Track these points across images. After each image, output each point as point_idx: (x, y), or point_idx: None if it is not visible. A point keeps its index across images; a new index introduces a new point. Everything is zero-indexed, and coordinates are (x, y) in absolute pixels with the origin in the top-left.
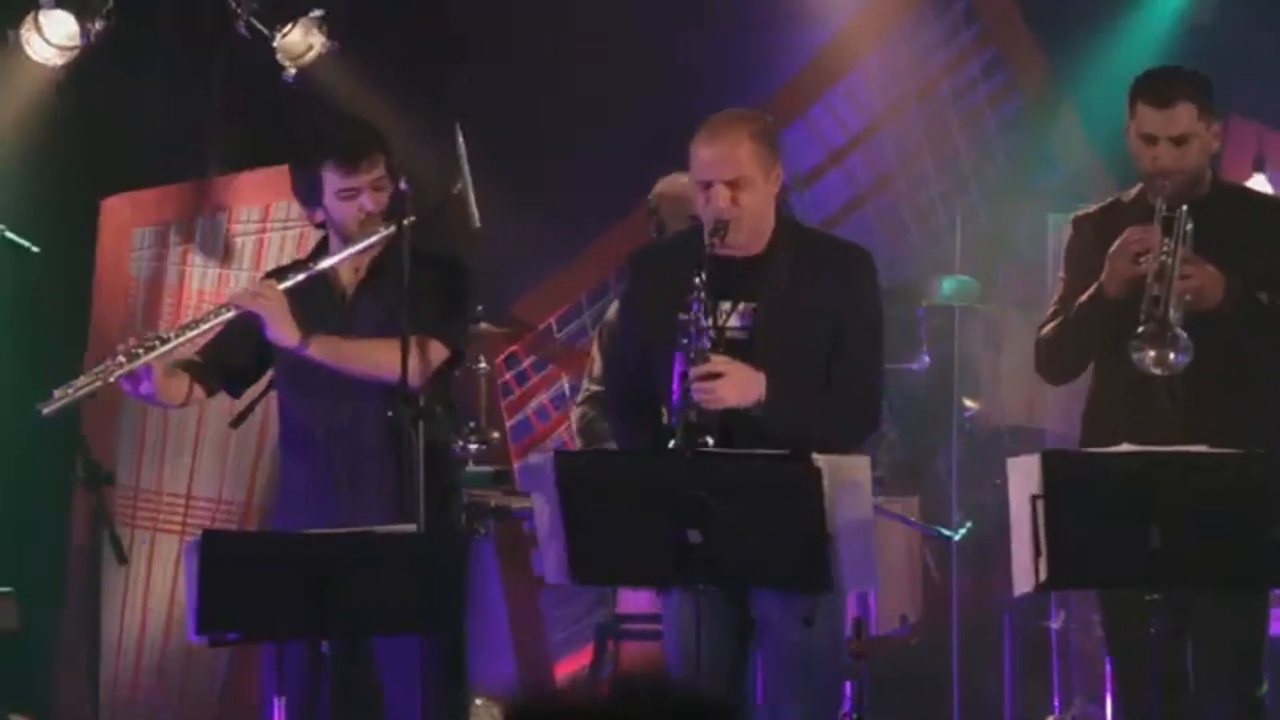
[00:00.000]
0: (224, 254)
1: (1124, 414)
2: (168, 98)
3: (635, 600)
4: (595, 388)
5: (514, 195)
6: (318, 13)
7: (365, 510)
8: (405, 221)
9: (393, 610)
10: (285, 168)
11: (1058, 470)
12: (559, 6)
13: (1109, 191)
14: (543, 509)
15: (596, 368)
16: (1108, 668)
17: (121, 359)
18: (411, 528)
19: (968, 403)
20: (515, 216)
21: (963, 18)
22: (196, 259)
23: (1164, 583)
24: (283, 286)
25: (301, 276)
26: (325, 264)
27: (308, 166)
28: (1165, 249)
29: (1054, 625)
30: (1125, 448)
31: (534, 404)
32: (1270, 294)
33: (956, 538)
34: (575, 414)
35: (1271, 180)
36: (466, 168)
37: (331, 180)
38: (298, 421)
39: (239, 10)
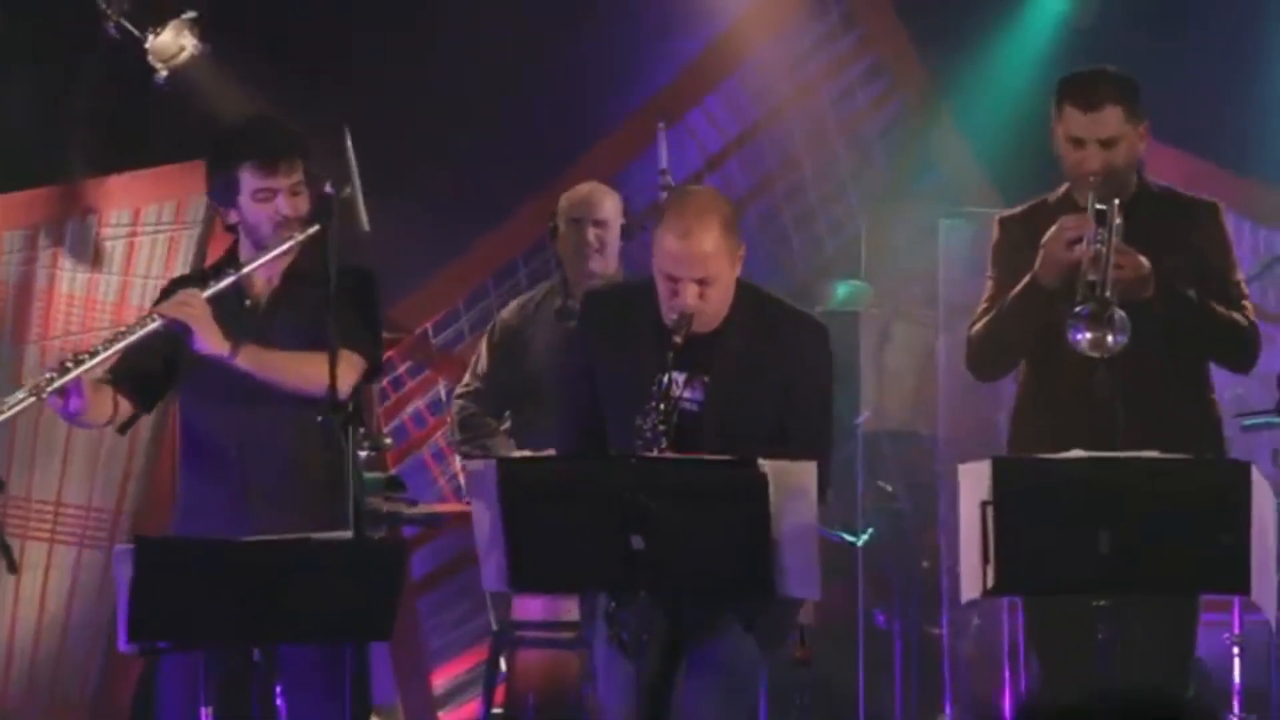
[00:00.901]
0: (94, 258)
1: (1056, 413)
2: (35, 99)
3: (528, 608)
4: (478, 384)
5: (390, 200)
6: (190, 14)
7: (278, 521)
8: (329, 225)
9: (329, 617)
10: (155, 170)
11: (1008, 476)
12: (436, 8)
13: (989, 196)
14: (483, 515)
15: (482, 364)
16: (1006, 670)
17: (51, 374)
18: (348, 534)
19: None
20: (391, 221)
21: (841, 24)
22: (66, 263)
23: (1112, 588)
24: (206, 294)
25: (224, 283)
26: (247, 269)
27: (225, 165)
28: (1100, 237)
29: (944, 630)
30: (1076, 453)
31: (410, 409)
32: (1197, 292)
33: (860, 543)
34: (455, 406)
35: None
36: (356, 171)
37: (248, 181)
38: (206, 432)
39: (109, 11)
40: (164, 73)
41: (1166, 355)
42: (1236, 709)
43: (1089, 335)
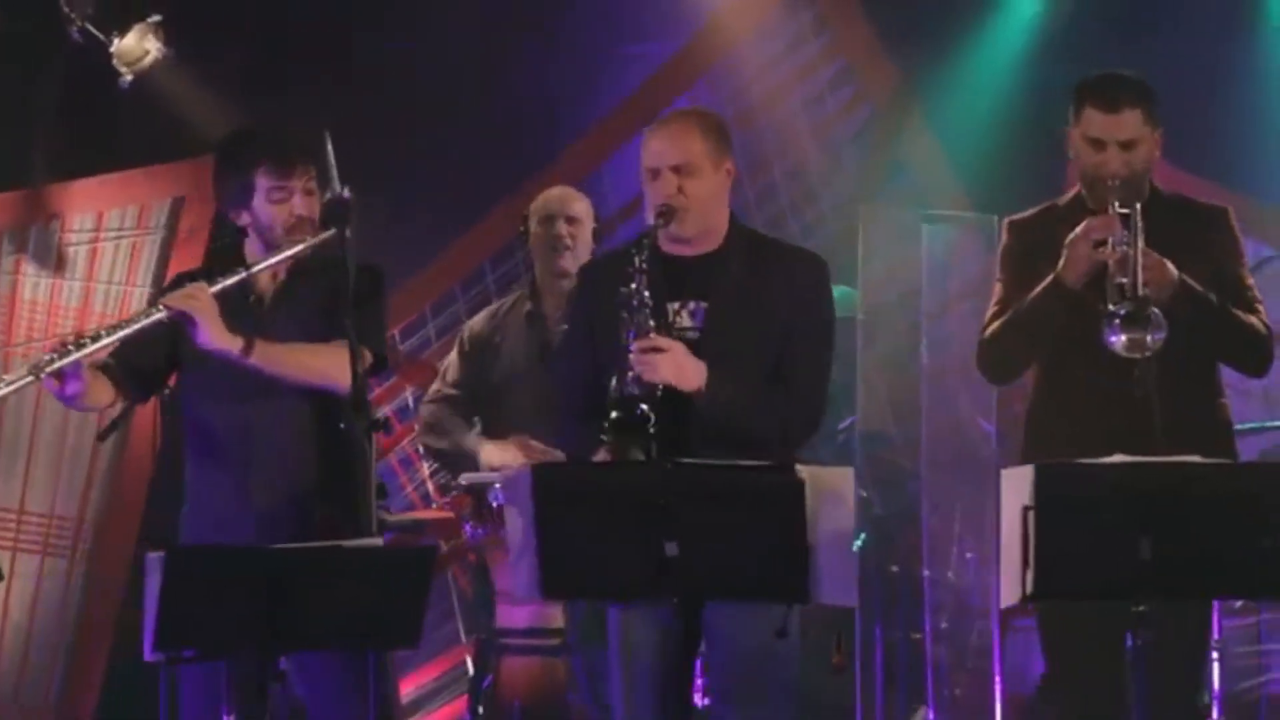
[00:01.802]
0: (57, 263)
1: (1072, 418)
2: None
3: (513, 615)
4: (449, 390)
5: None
6: (154, 18)
7: (288, 514)
8: (345, 228)
9: (359, 624)
10: (119, 175)
11: (1050, 482)
12: (402, 16)
13: (960, 200)
14: (516, 523)
15: (453, 372)
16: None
17: (51, 356)
18: (379, 542)
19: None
20: (356, 229)
21: (811, 28)
22: (29, 268)
23: (1153, 593)
24: (214, 289)
25: (232, 280)
26: (258, 269)
27: (239, 168)
28: (1126, 239)
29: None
30: (1118, 458)
31: (377, 415)
32: (1217, 296)
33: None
34: (424, 411)
35: None
36: (336, 176)
37: (264, 182)
38: (211, 427)
39: (73, 15)
40: (128, 77)
41: (1183, 358)
42: (1216, 716)
43: (1126, 337)
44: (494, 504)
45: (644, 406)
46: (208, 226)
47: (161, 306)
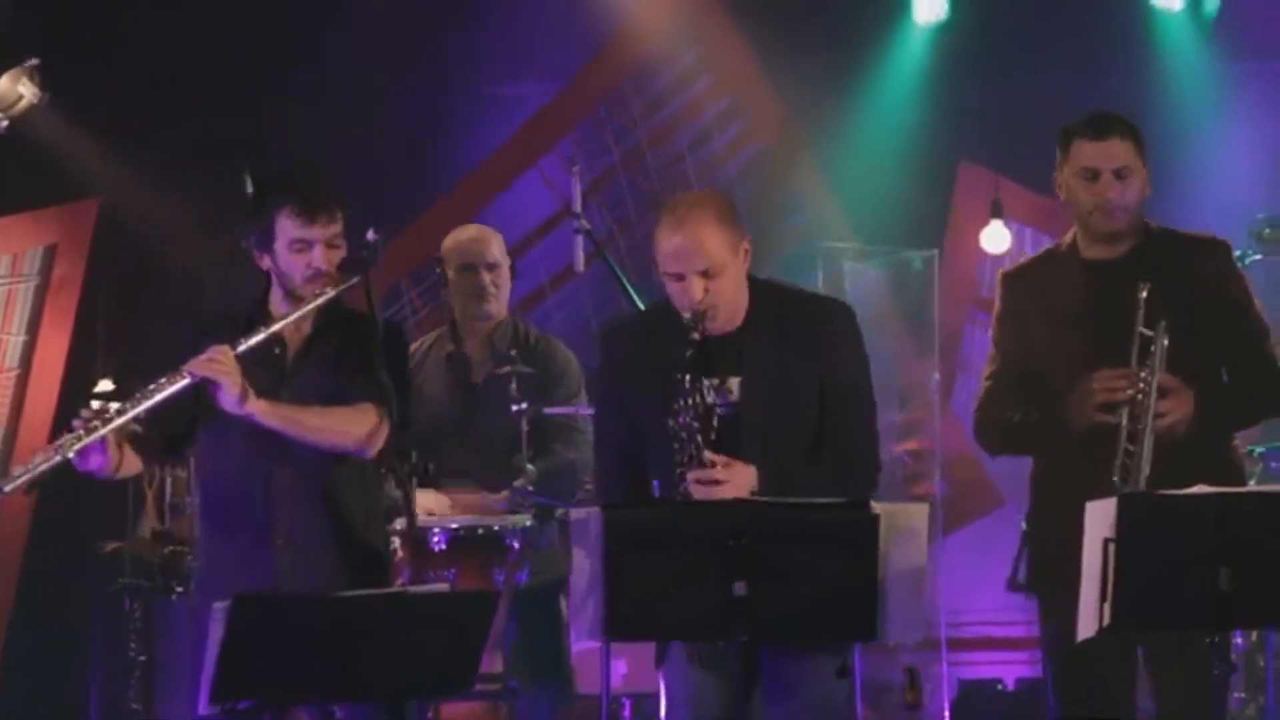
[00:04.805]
0: None
1: (1074, 494)
2: None
3: None
4: None
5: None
6: (31, 62)
7: (308, 573)
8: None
9: (418, 671)
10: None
11: (1133, 513)
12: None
13: (849, 233)
14: (583, 564)
15: None
16: None
17: (80, 433)
18: (444, 588)
19: None
20: None
21: (696, 68)
22: None
23: (1230, 624)
24: (238, 351)
25: (255, 340)
26: (279, 327)
27: (263, 210)
28: (1142, 381)
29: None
30: (1199, 489)
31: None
32: (1230, 346)
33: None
34: None
35: (1007, 226)
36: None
37: (285, 228)
38: (228, 488)
39: None
40: (3, 122)
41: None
42: None
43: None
44: (435, 549)
45: None
46: (81, 274)
47: (186, 373)
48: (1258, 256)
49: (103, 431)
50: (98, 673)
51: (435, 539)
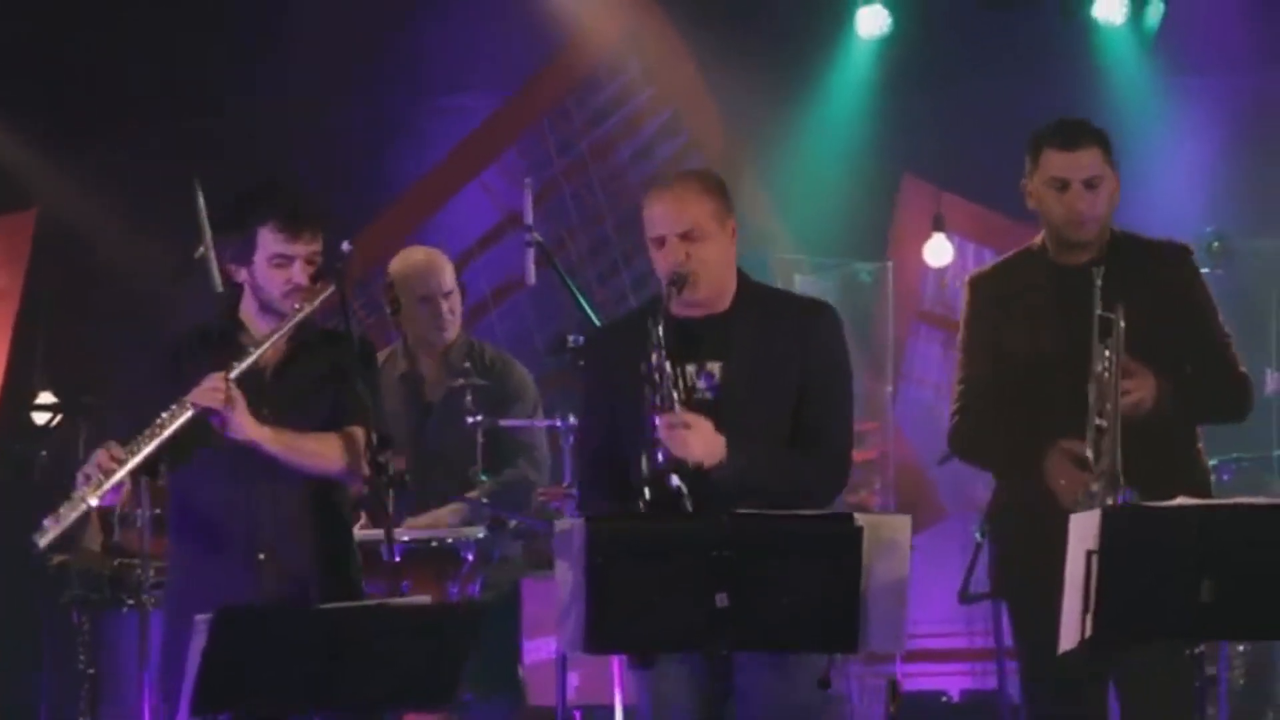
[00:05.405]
0: None
1: (1033, 517)
2: None
3: None
4: None
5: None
6: None
7: (290, 590)
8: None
9: (399, 682)
10: None
11: (1117, 525)
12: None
13: (792, 244)
14: (566, 576)
15: None
16: None
17: (99, 477)
18: (427, 599)
19: None
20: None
21: (639, 81)
22: None
23: (1212, 635)
24: (233, 376)
25: (247, 363)
26: (267, 346)
27: (244, 223)
28: (1105, 361)
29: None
30: (1182, 501)
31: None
32: (1193, 350)
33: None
34: None
35: (949, 239)
36: (208, 229)
37: (267, 242)
38: (208, 505)
39: None
40: None
41: (1166, 421)
42: None
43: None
44: (387, 561)
45: (676, 480)
46: (20, 285)
47: (191, 405)
48: (1205, 270)
49: (120, 474)
50: (46, 686)
51: (387, 551)
